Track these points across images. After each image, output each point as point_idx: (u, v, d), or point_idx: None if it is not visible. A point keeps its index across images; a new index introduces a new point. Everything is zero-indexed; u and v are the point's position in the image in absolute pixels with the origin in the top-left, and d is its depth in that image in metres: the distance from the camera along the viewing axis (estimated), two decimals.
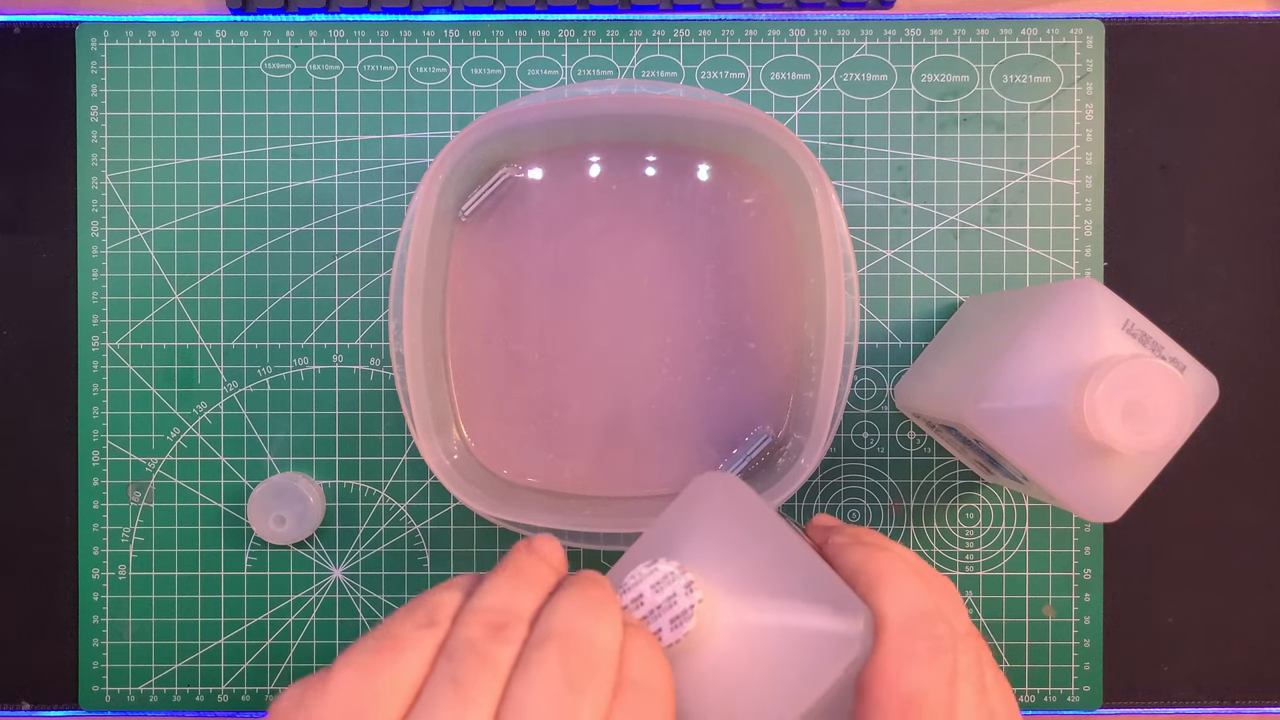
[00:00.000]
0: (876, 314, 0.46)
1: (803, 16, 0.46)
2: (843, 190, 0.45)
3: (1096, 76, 0.46)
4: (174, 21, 0.45)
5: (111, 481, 0.45)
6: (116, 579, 0.45)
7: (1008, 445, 0.34)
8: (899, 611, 0.29)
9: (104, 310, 0.45)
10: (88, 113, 0.45)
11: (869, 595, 0.29)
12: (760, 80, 0.45)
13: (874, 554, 0.31)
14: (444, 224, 0.43)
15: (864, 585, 0.30)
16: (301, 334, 0.45)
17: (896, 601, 0.29)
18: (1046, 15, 0.45)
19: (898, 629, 0.28)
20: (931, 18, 0.46)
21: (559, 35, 0.46)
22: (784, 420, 0.44)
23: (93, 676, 0.45)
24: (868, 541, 0.33)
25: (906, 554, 0.33)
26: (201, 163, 0.45)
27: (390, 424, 0.45)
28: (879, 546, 0.32)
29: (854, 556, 0.31)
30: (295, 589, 0.45)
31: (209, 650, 0.45)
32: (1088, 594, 0.45)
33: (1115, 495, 0.34)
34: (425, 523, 0.45)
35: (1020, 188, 0.45)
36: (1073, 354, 0.33)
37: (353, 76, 0.45)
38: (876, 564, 0.30)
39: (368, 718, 0.22)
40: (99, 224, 0.45)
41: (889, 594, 0.29)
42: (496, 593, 0.25)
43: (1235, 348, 0.46)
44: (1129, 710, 0.46)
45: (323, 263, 0.45)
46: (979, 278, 0.45)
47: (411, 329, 0.40)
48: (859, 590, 0.30)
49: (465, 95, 0.46)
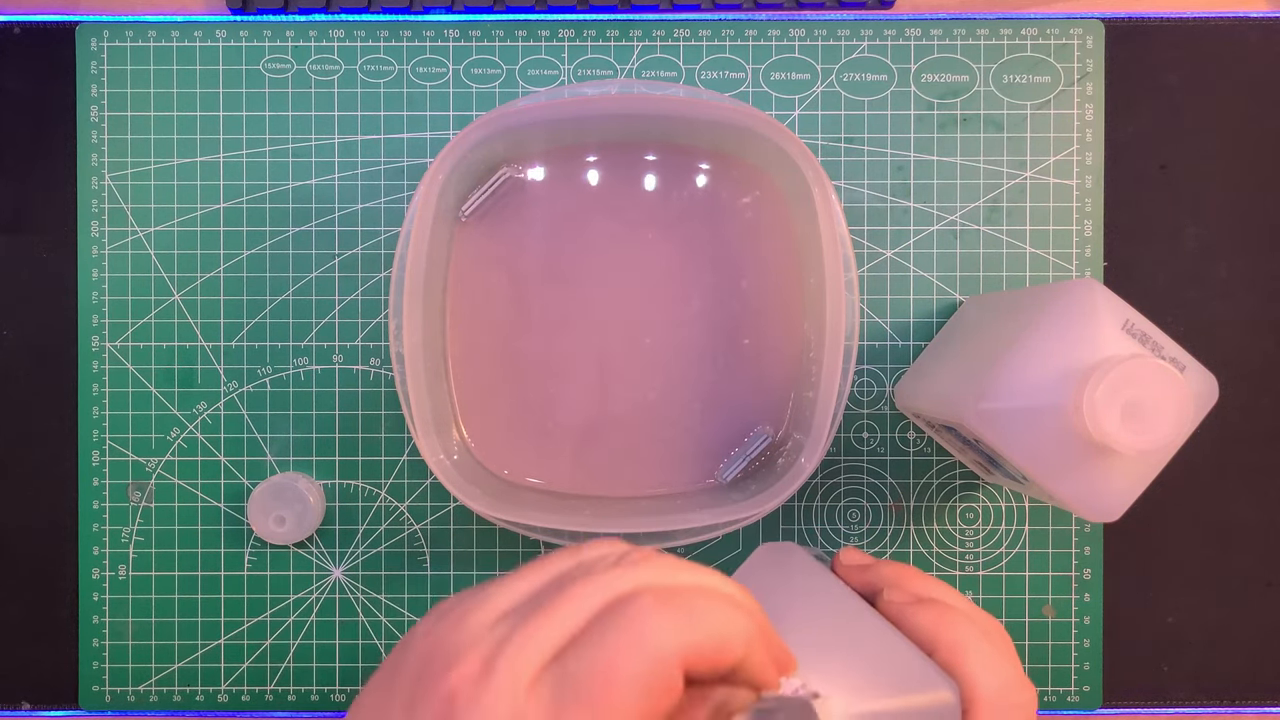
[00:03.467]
0: (876, 314, 0.46)
1: (803, 16, 0.46)
2: (843, 190, 0.45)
3: (1096, 76, 0.46)
4: (174, 21, 0.46)
5: (111, 481, 0.45)
6: (116, 579, 0.45)
7: (1008, 445, 0.34)
8: (988, 685, 0.30)
9: (104, 310, 0.45)
10: (88, 113, 0.45)
11: (953, 666, 0.30)
12: (760, 80, 0.45)
13: (944, 619, 0.32)
14: (444, 224, 0.43)
15: (945, 655, 0.31)
16: (301, 334, 0.45)
17: (983, 674, 0.30)
18: (1046, 15, 0.45)
19: (988, 705, 0.30)
20: (931, 18, 0.46)
21: (559, 35, 0.46)
22: (784, 420, 0.44)
23: (93, 676, 0.45)
24: (923, 595, 0.33)
25: (966, 606, 0.34)
26: (201, 163, 0.45)
27: (390, 424, 0.45)
28: (942, 606, 0.32)
29: (924, 621, 0.32)
30: (295, 589, 0.45)
31: (209, 650, 0.45)
32: (1088, 594, 0.45)
33: (1115, 495, 0.34)
34: (425, 523, 0.45)
35: (1020, 188, 0.45)
36: (1073, 354, 0.33)
37: (353, 76, 0.45)
38: (952, 632, 0.31)
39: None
40: (99, 224, 0.45)
41: (973, 666, 0.30)
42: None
43: (1235, 348, 0.46)
44: (1129, 710, 0.46)
45: (323, 263, 0.45)
46: (979, 278, 0.45)
47: (411, 329, 0.40)
48: (940, 659, 0.31)
49: (465, 95, 0.46)
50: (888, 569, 0.35)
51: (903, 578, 0.35)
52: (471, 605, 0.25)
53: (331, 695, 0.45)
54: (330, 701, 0.45)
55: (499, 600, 0.25)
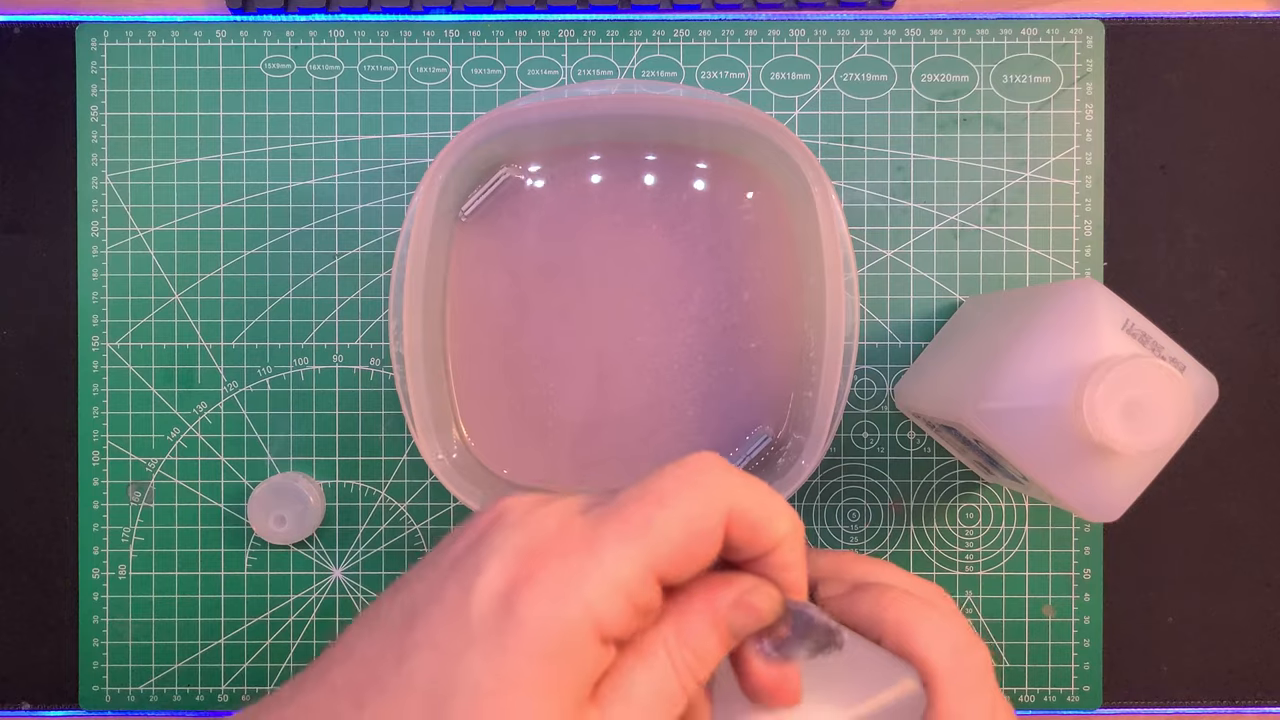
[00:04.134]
0: (876, 314, 0.46)
1: (803, 16, 0.46)
2: (843, 190, 0.45)
3: (1096, 76, 0.46)
4: (174, 21, 0.46)
5: (111, 481, 0.45)
6: (116, 579, 0.45)
7: (1008, 445, 0.34)
8: (941, 655, 0.29)
9: (104, 310, 0.45)
10: (88, 113, 0.45)
11: (904, 647, 0.29)
12: (760, 80, 0.45)
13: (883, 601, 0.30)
14: (444, 224, 0.43)
15: (893, 638, 0.30)
16: (301, 334, 0.45)
17: (934, 645, 0.29)
18: (1046, 15, 0.46)
19: (946, 674, 0.29)
20: (931, 18, 0.46)
21: (559, 35, 0.46)
22: (784, 420, 0.44)
23: (93, 676, 0.45)
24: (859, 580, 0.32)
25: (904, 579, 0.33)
26: (201, 163, 0.45)
27: (390, 424, 0.45)
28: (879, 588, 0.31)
29: (864, 609, 0.31)
30: (295, 589, 0.45)
31: (209, 650, 0.45)
32: (1087, 594, 0.45)
33: (1115, 495, 0.34)
34: (425, 523, 0.45)
35: (1020, 188, 0.45)
36: (1072, 354, 0.33)
37: (353, 76, 0.45)
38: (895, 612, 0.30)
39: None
40: (99, 224, 0.45)
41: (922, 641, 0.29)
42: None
43: (1235, 348, 0.46)
44: (1129, 710, 0.46)
45: (323, 263, 0.45)
46: (979, 278, 0.45)
47: (411, 329, 0.40)
48: (890, 644, 0.30)
49: (465, 95, 0.46)
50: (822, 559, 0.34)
51: (838, 567, 0.33)
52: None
53: None
54: None
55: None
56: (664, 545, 0.24)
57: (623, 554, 0.23)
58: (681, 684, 0.25)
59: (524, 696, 0.22)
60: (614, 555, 0.23)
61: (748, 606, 0.26)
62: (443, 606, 0.23)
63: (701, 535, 0.24)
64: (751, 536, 0.25)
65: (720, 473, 0.25)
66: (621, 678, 0.24)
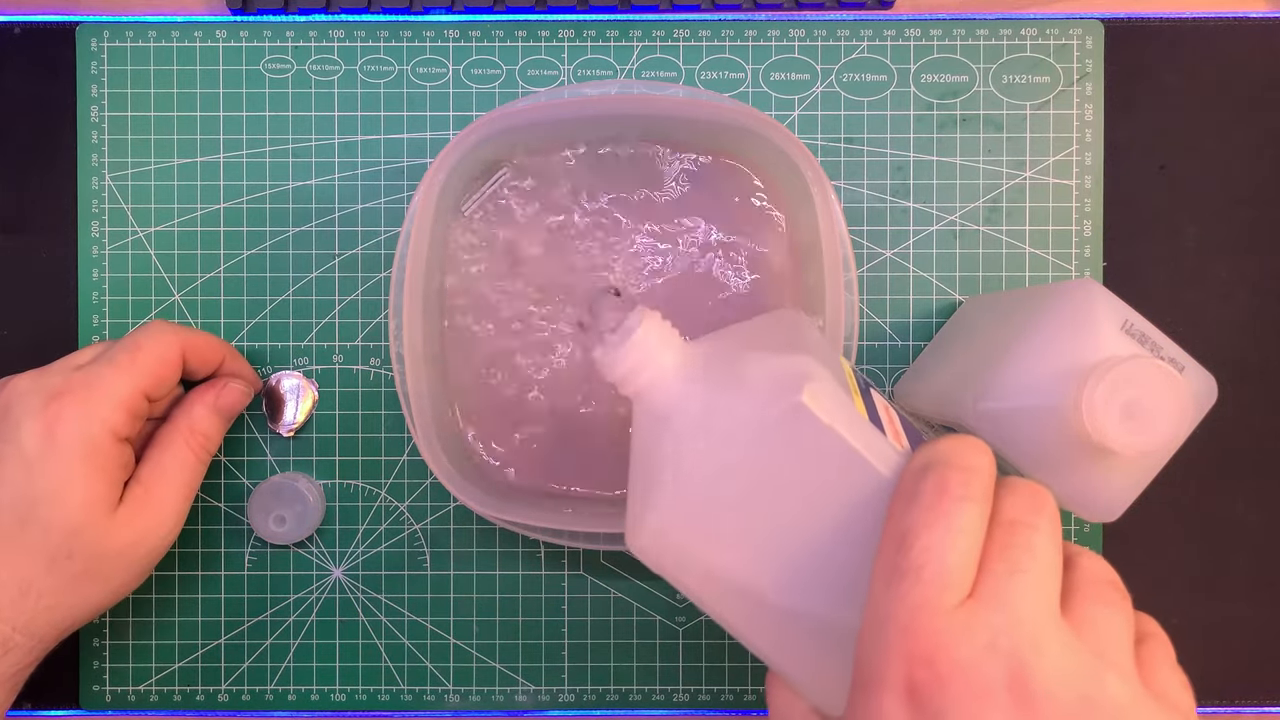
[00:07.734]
0: (876, 314, 0.46)
1: (803, 16, 0.46)
2: (843, 190, 0.45)
3: (1096, 76, 0.46)
4: (174, 22, 0.46)
5: None
6: None
7: (1007, 445, 0.34)
8: (923, 453, 0.27)
9: (104, 310, 0.45)
10: (88, 113, 0.45)
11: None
12: (760, 80, 0.46)
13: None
14: (444, 224, 0.43)
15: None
16: (301, 334, 0.45)
17: (928, 447, 0.27)
18: (1046, 15, 0.46)
19: (912, 470, 0.27)
20: (931, 18, 0.46)
21: (559, 35, 0.46)
22: None
23: (93, 676, 0.45)
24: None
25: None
26: (201, 163, 0.45)
27: (390, 424, 0.45)
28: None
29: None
30: (295, 589, 0.45)
31: (209, 650, 0.45)
32: None
33: (1114, 495, 0.34)
34: (425, 523, 0.45)
35: (1020, 188, 0.45)
36: (1072, 354, 0.33)
37: (353, 77, 0.46)
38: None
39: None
40: (99, 224, 0.45)
41: (929, 445, 0.27)
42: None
43: (1235, 348, 0.46)
44: None
45: (323, 263, 0.45)
46: (979, 278, 0.45)
47: (411, 329, 0.40)
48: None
49: (465, 95, 0.46)
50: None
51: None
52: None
53: (331, 695, 0.45)
54: (330, 701, 0.45)
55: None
56: (145, 375, 0.38)
57: (121, 383, 0.37)
58: (198, 457, 0.40)
59: (80, 485, 0.36)
60: (115, 385, 0.37)
61: (226, 392, 0.42)
62: (6, 460, 0.36)
63: (167, 362, 0.39)
64: (205, 358, 0.41)
65: (171, 326, 0.40)
66: (155, 464, 0.39)
